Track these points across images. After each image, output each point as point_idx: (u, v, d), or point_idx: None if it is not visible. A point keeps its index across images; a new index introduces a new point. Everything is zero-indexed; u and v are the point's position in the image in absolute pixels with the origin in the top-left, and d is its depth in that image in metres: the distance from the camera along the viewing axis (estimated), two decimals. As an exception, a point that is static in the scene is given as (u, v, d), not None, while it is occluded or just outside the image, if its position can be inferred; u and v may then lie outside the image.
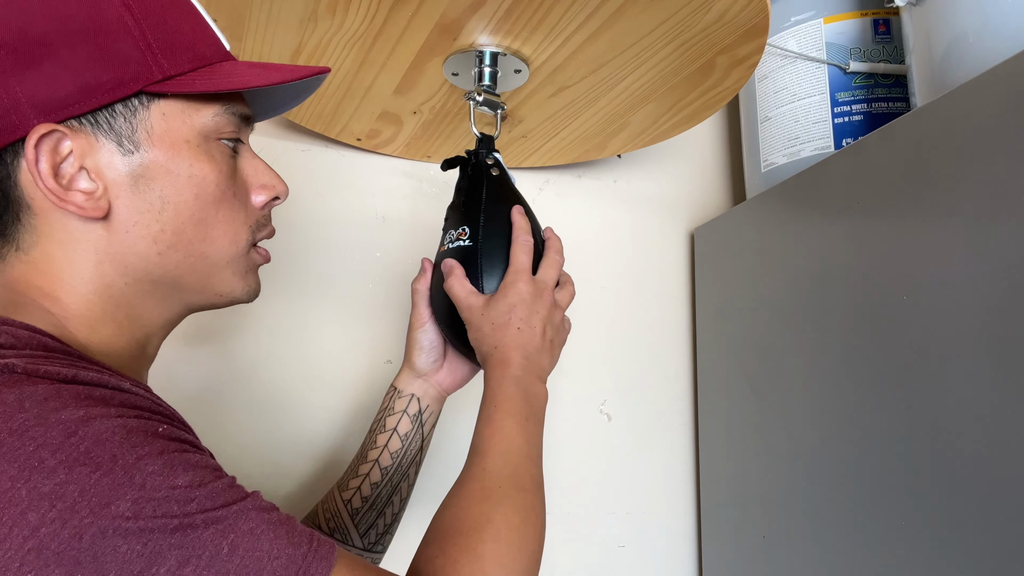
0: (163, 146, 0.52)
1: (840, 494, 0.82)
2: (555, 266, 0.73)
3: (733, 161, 1.27)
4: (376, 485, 0.77)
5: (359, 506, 0.77)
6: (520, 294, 0.69)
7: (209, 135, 0.54)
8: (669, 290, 1.19)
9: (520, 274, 0.70)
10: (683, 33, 0.75)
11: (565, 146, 1.04)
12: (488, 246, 0.72)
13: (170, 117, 0.52)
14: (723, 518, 1.04)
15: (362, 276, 1.04)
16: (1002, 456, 0.63)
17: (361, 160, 1.06)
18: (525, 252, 0.71)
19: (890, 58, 0.97)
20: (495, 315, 0.69)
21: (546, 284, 0.71)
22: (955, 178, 0.70)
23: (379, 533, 0.78)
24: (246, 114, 0.57)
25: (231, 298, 0.58)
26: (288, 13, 0.73)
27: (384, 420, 0.79)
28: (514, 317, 0.68)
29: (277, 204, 0.60)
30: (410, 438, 0.78)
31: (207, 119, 0.54)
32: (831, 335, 0.85)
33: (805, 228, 0.91)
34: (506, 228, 0.73)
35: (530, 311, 0.69)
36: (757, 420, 0.97)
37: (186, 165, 0.53)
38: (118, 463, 0.39)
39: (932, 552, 0.69)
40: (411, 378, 0.79)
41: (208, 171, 0.54)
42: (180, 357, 0.94)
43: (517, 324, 0.68)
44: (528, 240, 0.72)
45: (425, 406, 0.79)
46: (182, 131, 0.53)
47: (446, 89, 0.87)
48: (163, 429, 0.43)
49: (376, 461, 0.78)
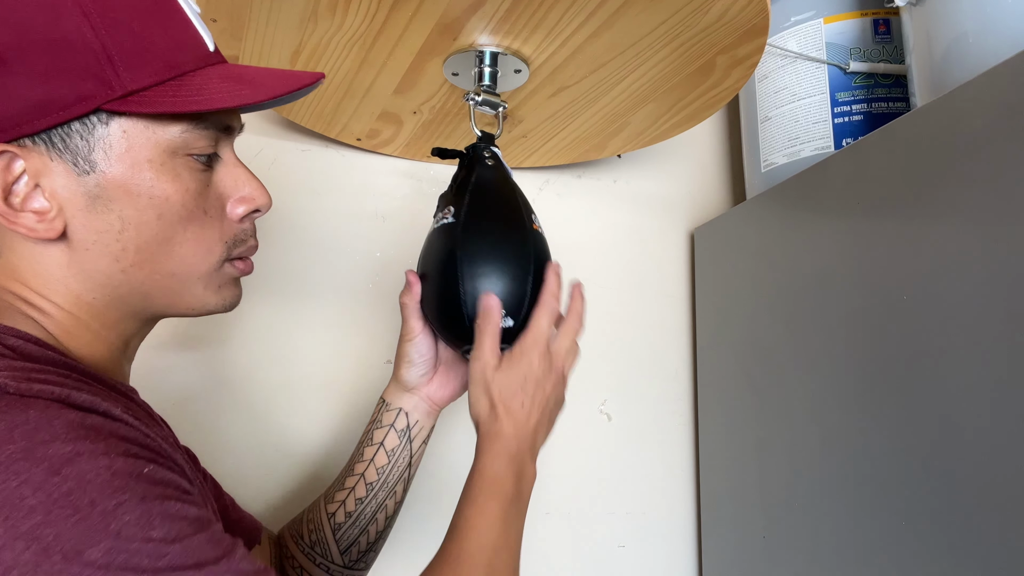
0: (122, 165, 0.49)
1: (840, 494, 0.81)
2: (572, 334, 0.71)
3: (733, 161, 1.27)
4: (361, 500, 0.75)
5: (342, 521, 0.75)
6: (532, 368, 0.67)
7: (176, 151, 0.51)
8: (669, 290, 1.19)
9: (537, 344, 0.67)
10: (683, 33, 0.75)
11: (565, 146, 1.04)
12: (471, 224, 0.69)
13: (132, 135, 0.49)
14: (723, 518, 1.04)
15: (361, 276, 1.04)
16: (1003, 456, 0.63)
17: (361, 160, 1.06)
18: (548, 318, 0.68)
19: (890, 58, 0.96)
20: (503, 383, 0.66)
21: (559, 356, 0.69)
22: (955, 178, 0.70)
23: (360, 551, 0.76)
24: (225, 125, 0.54)
25: (204, 311, 0.56)
26: (288, 13, 0.73)
27: (372, 433, 0.77)
28: (521, 392, 0.66)
29: (258, 216, 0.58)
30: (397, 454, 0.76)
31: (173, 135, 0.50)
32: (831, 335, 0.85)
33: (805, 228, 0.91)
34: (495, 213, 0.71)
35: (537, 387, 0.67)
36: (757, 420, 0.97)
37: (147, 186, 0.50)
38: (96, 508, 0.38)
39: (932, 552, 0.69)
40: (399, 392, 0.77)
41: (172, 191, 0.51)
42: (175, 358, 0.94)
43: (522, 399, 0.66)
44: (555, 307, 0.69)
45: (414, 421, 0.76)
46: (144, 150, 0.49)
47: (446, 89, 0.87)
48: (148, 470, 0.42)
49: (362, 475, 0.76)
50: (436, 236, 0.72)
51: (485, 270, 0.68)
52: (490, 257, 0.69)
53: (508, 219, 0.71)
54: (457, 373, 0.78)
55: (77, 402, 0.42)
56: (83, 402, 0.43)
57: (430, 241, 0.73)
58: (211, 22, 0.73)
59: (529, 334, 0.68)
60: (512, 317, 0.69)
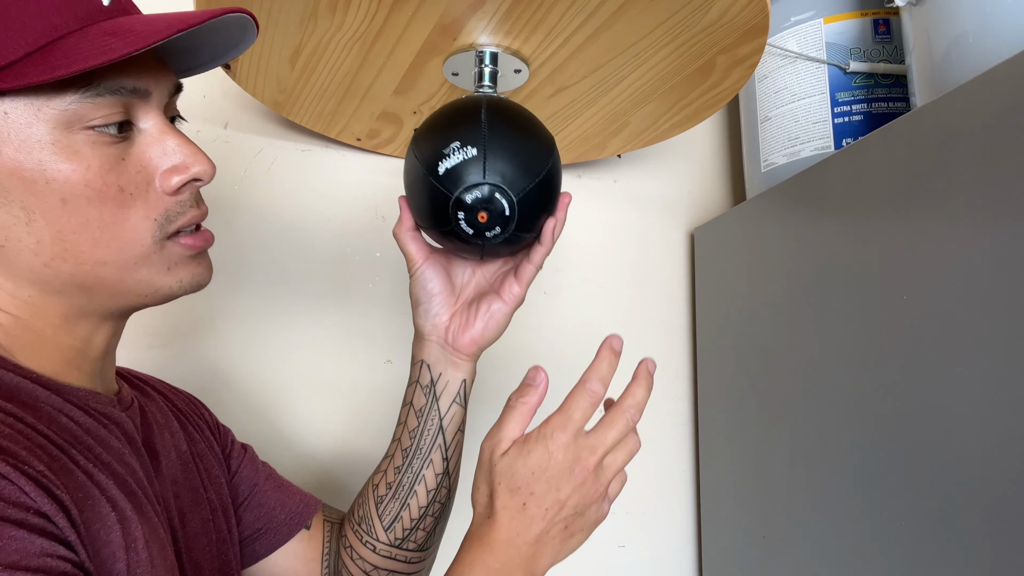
0: (10, 150, 0.44)
1: (840, 494, 0.81)
2: (623, 427, 0.55)
3: (733, 161, 1.27)
4: (399, 470, 0.68)
5: (384, 493, 0.68)
6: (550, 461, 0.53)
7: (71, 125, 0.45)
8: (669, 290, 1.19)
9: (564, 430, 0.53)
10: (683, 33, 0.75)
11: (565, 146, 1.04)
12: (423, 124, 0.64)
13: (14, 115, 0.44)
14: (723, 518, 1.04)
15: (361, 276, 1.04)
16: (1003, 456, 0.63)
17: (361, 160, 1.06)
18: (586, 398, 0.55)
19: (890, 58, 0.96)
20: (508, 472, 0.53)
21: (593, 451, 0.54)
22: (955, 178, 0.70)
23: (405, 528, 0.68)
24: (136, 87, 0.47)
25: (160, 297, 0.51)
26: (288, 13, 0.73)
27: (406, 391, 0.70)
28: (526, 488, 0.52)
29: (200, 185, 0.51)
30: (425, 413, 0.67)
31: (62, 108, 0.44)
32: (831, 335, 0.85)
33: (805, 228, 0.91)
34: (445, 108, 0.65)
35: (550, 487, 0.52)
36: (757, 420, 0.97)
37: (40, 169, 0.44)
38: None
39: (932, 552, 0.69)
40: (420, 342, 0.68)
41: (71, 171, 0.45)
42: (178, 357, 0.94)
43: (525, 498, 0.52)
44: (598, 391, 0.55)
45: (437, 374, 0.67)
46: (32, 129, 0.44)
47: (446, 89, 0.87)
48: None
49: (399, 440, 0.68)
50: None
51: (432, 128, 0.65)
52: (435, 119, 0.66)
53: (456, 101, 0.69)
54: (478, 309, 0.68)
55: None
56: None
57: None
58: (211, 22, 0.73)
59: (557, 415, 0.54)
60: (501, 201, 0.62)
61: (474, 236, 0.64)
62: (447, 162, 0.62)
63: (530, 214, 0.64)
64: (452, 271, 0.70)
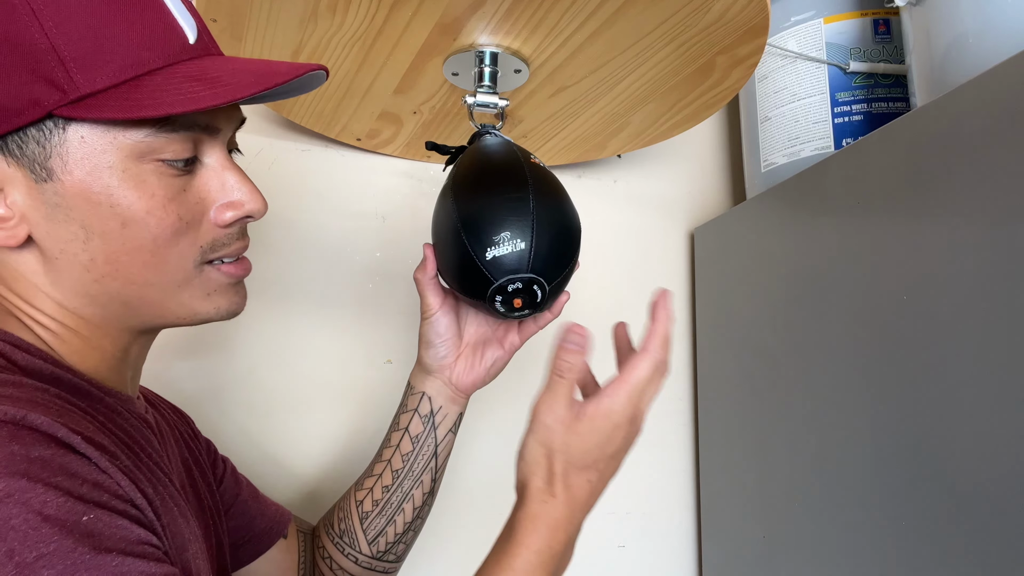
0: (81, 172, 0.46)
1: (840, 494, 0.81)
2: (658, 375, 0.56)
3: (733, 161, 1.27)
4: (387, 488, 0.72)
5: (369, 509, 0.73)
6: (617, 435, 0.54)
7: (142, 157, 0.47)
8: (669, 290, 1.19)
9: (631, 402, 0.54)
10: (683, 33, 0.75)
11: (565, 146, 1.04)
12: (460, 175, 0.66)
13: (90, 140, 0.46)
14: (723, 518, 1.04)
15: (362, 276, 1.04)
16: (1002, 456, 0.63)
17: (361, 160, 1.06)
18: (650, 366, 0.55)
19: (890, 58, 0.96)
20: (574, 451, 0.53)
21: (642, 408, 0.56)
22: (955, 178, 0.70)
23: (388, 542, 0.73)
24: (205, 125, 0.50)
25: (197, 320, 0.53)
26: (288, 13, 0.73)
27: (399, 417, 0.74)
28: (594, 467, 0.53)
29: (250, 222, 0.54)
30: (421, 440, 0.72)
31: (136, 140, 0.46)
32: (831, 335, 0.85)
33: (805, 228, 0.91)
34: (483, 160, 0.67)
35: (612, 460, 0.54)
36: (757, 420, 0.97)
37: (107, 194, 0.46)
38: (13, 559, 0.35)
39: (932, 552, 0.69)
40: (422, 375, 0.73)
41: (135, 199, 0.47)
42: (181, 358, 0.94)
43: (590, 476, 0.53)
44: (664, 353, 0.56)
45: (438, 407, 0.72)
46: (105, 155, 0.46)
47: (446, 89, 0.87)
48: (89, 518, 0.38)
49: (388, 462, 0.73)
50: (437, 202, 0.70)
51: (478, 202, 0.65)
52: (480, 191, 0.67)
53: (497, 162, 0.69)
54: (483, 357, 0.72)
55: (32, 424, 0.39)
56: (39, 424, 0.39)
57: (435, 211, 0.71)
58: (211, 22, 0.73)
59: (624, 386, 0.54)
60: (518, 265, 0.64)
61: (504, 314, 0.67)
62: (495, 250, 0.64)
63: (555, 295, 0.68)
64: (462, 318, 0.74)
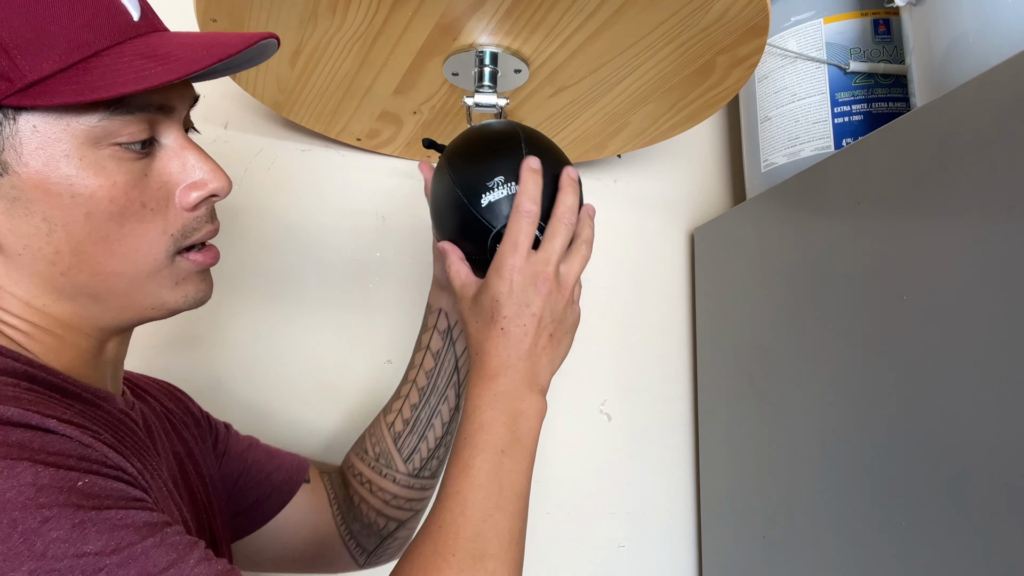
0: (37, 163, 0.44)
1: (840, 494, 0.81)
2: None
3: (733, 161, 1.27)
4: (415, 407, 0.74)
5: (400, 429, 0.74)
6: (507, 283, 0.57)
7: (98, 142, 0.46)
8: (669, 290, 1.19)
9: (510, 255, 0.58)
10: (683, 33, 0.75)
11: (565, 146, 1.04)
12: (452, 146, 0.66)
13: (43, 129, 0.44)
14: (723, 518, 1.04)
15: (362, 276, 1.04)
16: (1002, 457, 0.63)
17: (361, 160, 1.06)
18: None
19: (890, 58, 0.96)
20: (479, 309, 0.58)
21: (547, 263, 0.58)
22: (955, 178, 0.70)
23: (423, 459, 0.75)
24: (159, 104, 0.48)
25: (165, 311, 0.52)
26: (288, 13, 0.73)
27: (420, 337, 0.75)
28: (498, 314, 0.57)
29: (216, 201, 0.53)
30: (442, 356, 0.73)
31: (90, 125, 0.45)
32: (831, 335, 0.85)
33: (805, 228, 0.91)
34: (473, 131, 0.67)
35: (520, 304, 0.57)
36: (757, 420, 0.97)
37: (66, 183, 0.45)
38: (17, 528, 0.35)
39: (932, 552, 0.69)
40: (438, 291, 0.74)
41: (96, 187, 0.46)
42: (179, 357, 0.94)
43: (501, 323, 0.57)
44: (532, 209, 0.59)
45: (454, 322, 0.73)
46: (60, 144, 0.45)
47: (446, 89, 0.87)
48: (83, 483, 0.38)
49: (414, 381, 0.74)
50: (434, 178, 0.70)
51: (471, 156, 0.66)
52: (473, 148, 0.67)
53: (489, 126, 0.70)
54: None
55: (2, 416, 0.39)
56: (10, 416, 0.39)
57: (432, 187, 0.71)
58: (211, 22, 0.73)
59: (502, 246, 0.59)
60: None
61: None
62: (490, 196, 0.64)
63: None
64: None
